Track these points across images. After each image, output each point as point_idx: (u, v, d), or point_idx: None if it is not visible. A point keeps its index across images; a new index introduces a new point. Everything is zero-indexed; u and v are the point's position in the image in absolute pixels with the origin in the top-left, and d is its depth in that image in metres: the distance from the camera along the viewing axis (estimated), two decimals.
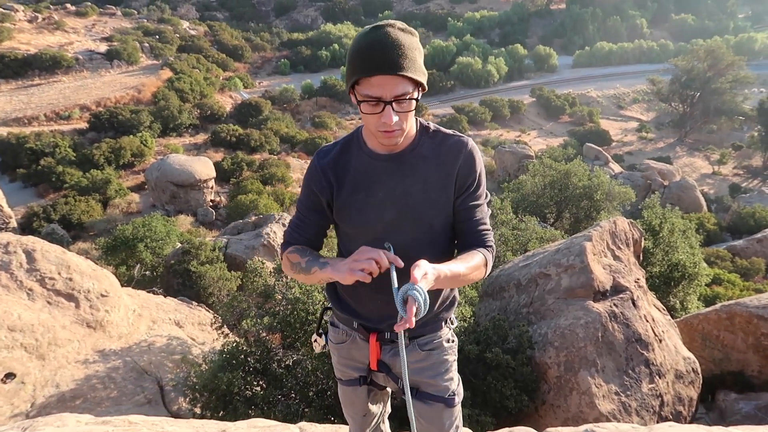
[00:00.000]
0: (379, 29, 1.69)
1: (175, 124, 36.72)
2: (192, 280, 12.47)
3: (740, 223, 26.34)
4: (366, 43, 1.67)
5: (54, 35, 47.58)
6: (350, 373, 2.27)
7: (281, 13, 77.72)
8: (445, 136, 1.96)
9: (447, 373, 2.16)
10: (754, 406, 6.55)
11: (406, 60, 1.67)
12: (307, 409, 5.52)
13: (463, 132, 43.14)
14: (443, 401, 2.16)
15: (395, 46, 1.66)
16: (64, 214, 23.81)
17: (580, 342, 5.61)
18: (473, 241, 1.97)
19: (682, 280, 9.85)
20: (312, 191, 2.02)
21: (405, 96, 1.70)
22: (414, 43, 1.71)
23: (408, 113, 1.77)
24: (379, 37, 1.67)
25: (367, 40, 1.68)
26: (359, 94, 1.72)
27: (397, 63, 1.66)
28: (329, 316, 2.27)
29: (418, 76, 1.70)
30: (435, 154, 1.93)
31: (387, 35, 1.67)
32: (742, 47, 63.24)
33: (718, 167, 42.72)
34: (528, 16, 77.73)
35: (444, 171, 1.92)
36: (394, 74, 1.66)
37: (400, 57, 1.66)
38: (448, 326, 2.19)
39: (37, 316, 6.30)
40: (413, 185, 1.92)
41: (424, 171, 1.92)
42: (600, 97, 55.46)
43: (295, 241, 2.09)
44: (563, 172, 16.36)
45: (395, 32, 1.68)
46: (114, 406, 6.02)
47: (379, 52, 1.65)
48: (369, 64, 1.67)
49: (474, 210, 1.96)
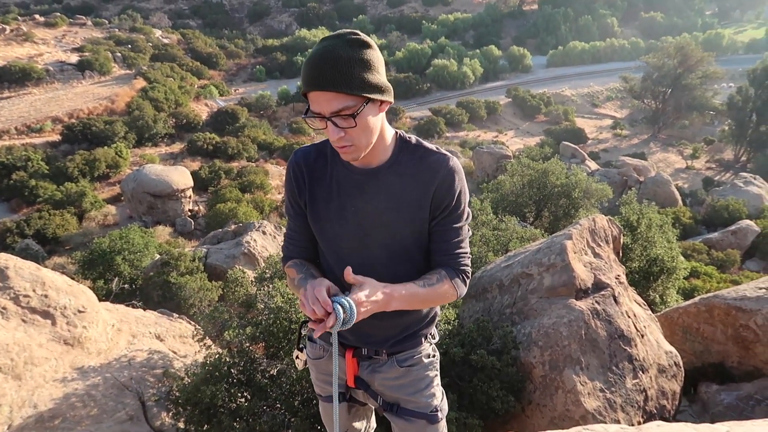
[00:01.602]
0: (324, 42, 1.63)
1: (150, 133, 36.27)
2: (172, 291, 12.30)
3: (715, 216, 26.82)
4: (308, 58, 1.63)
5: (23, 47, 46.70)
6: (329, 389, 2.21)
7: (255, 19, 77.38)
8: (426, 152, 1.86)
9: (428, 389, 2.11)
10: (735, 397, 6.64)
11: (341, 75, 1.59)
12: (293, 419, 5.45)
13: (441, 134, 43.46)
14: (425, 417, 2.12)
15: (332, 61, 1.58)
16: (39, 229, 23.33)
17: (564, 340, 5.63)
18: (442, 261, 1.90)
19: (661, 274, 9.98)
20: (292, 192, 1.96)
21: (344, 111, 1.62)
22: (358, 56, 1.61)
23: (354, 129, 1.66)
24: (319, 51, 1.61)
25: (310, 54, 1.63)
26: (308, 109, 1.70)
27: (329, 79, 1.59)
28: (307, 331, 2.19)
29: (356, 91, 1.61)
30: (413, 171, 1.84)
31: (325, 49, 1.60)
32: (710, 43, 64.72)
33: (691, 162, 43.52)
34: (501, 17, 78.50)
35: (420, 190, 1.83)
36: (327, 90, 1.60)
37: (334, 72, 1.58)
38: (429, 341, 2.14)
39: (12, 335, 6.14)
40: (387, 203, 1.84)
41: (399, 189, 1.84)
42: (574, 95, 56.18)
43: (291, 254, 2.04)
44: (541, 171, 16.49)
45: (337, 45, 1.60)
46: (95, 425, 5.89)
47: (315, 68, 1.60)
48: (306, 79, 1.62)
49: (449, 232, 1.88)
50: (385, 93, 1.69)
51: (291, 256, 2.04)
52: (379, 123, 1.75)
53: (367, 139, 1.73)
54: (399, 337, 2.03)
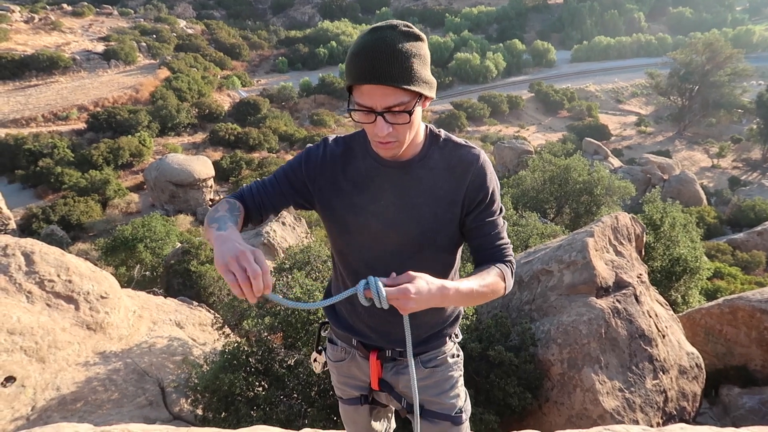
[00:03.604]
0: (377, 32, 1.53)
1: (173, 123, 36.64)
2: (192, 280, 12.43)
3: (740, 216, 26.31)
4: (360, 48, 1.53)
5: (51, 36, 47.43)
6: (351, 392, 2.16)
7: (278, 10, 77.53)
8: (455, 146, 1.82)
9: (452, 390, 2.07)
10: (758, 401, 6.52)
11: (401, 69, 1.51)
12: (310, 409, 5.49)
13: (462, 128, 43.17)
14: (449, 419, 2.07)
15: (390, 54, 1.50)
16: (64, 215, 23.76)
17: (584, 339, 5.58)
18: (489, 256, 1.84)
19: (684, 274, 9.82)
20: (300, 171, 1.86)
21: (398, 107, 1.55)
22: (414, 50, 1.53)
23: (405, 125, 1.62)
24: (373, 42, 1.51)
25: (361, 45, 1.53)
26: (353, 102, 1.61)
27: (388, 73, 1.50)
28: (327, 332, 2.16)
29: (414, 87, 1.54)
30: (444, 166, 1.80)
31: (382, 40, 1.51)
32: (740, 40, 63.21)
33: (717, 160, 42.69)
34: (525, 11, 77.61)
35: (453, 185, 1.79)
36: (386, 84, 1.51)
37: (393, 66, 1.50)
38: (453, 341, 2.09)
39: (37, 319, 6.26)
40: (418, 198, 1.78)
41: (431, 184, 1.79)
42: (598, 91, 55.39)
43: (242, 196, 1.88)
44: (563, 167, 16.33)
45: (394, 36, 1.52)
46: (115, 409, 5.99)
47: (370, 60, 1.50)
48: (359, 71, 1.53)
49: (488, 226, 1.83)
50: (434, 89, 1.64)
51: (241, 197, 1.88)
52: (420, 118, 1.72)
53: (411, 135, 1.69)
54: (423, 336, 1.98)
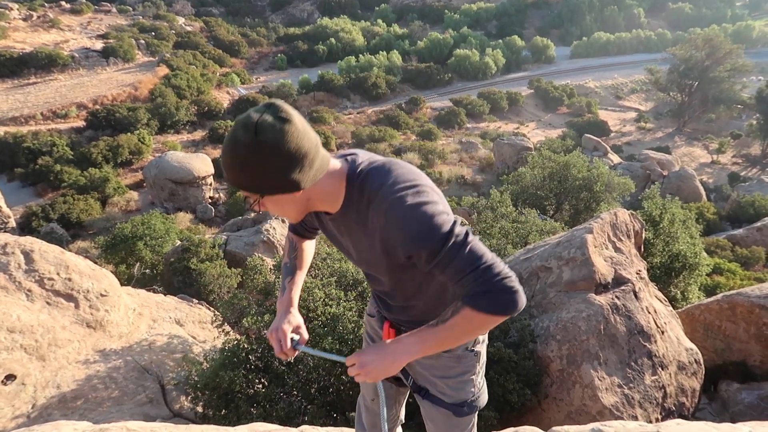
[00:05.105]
0: (233, 130, 1.59)
1: (172, 121, 36.58)
2: (192, 277, 12.43)
3: (740, 212, 26.32)
4: (223, 144, 1.65)
5: (49, 33, 47.34)
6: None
7: (277, 8, 77.36)
8: (369, 196, 1.69)
9: (457, 379, 2.09)
10: (756, 396, 6.54)
11: (234, 174, 1.61)
12: (310, 406, 5.50)
13: (461, 124, 43.12)
14: (450, 408, 2.11)
15: (229, 161, 1.60)
16: (63, 213, 23.76)
17: (583, 335, 5.59)
18: (457, 293, 1.70)
19: (683, 270, 9.83)
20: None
21: (250, 197, 1.67)
22: (258, 159, 1.54)
23: (271, 208, 1.72)
24: (226, 141, 1.61)
25: (224, 141, 1.64)
26: None
27: (227, 175, 1.64)
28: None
29: (250, 192, 1.64)
30: (359, 220, 1.75)
31: (230, 144, 1.58)
32: (739, 35, 63.12)
33: (716, 156, 42.66)
34: (525, 7, 77.40)
35: (371, 241, 1.74)
36: (229, 184, 1.70)
37: (230, 172, 1.62)
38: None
39: (37, 317, 6.27)
40: (358, 240, 1.82)
41: (357, 239, 1.81)
42: (598, 87, 55.32)
43: (292, 226, 2.22)
44: (562, 163, 16.32)
45: (240, 143, 1.55)
46: (115, 406, 6.00)
47: (222, 158, 1.63)
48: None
49: (437, 269, 1.66)
50: (286, 189, 1.62)
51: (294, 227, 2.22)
52: (297, 198, 1.69)
53: (288, 212, 1.76)
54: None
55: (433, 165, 32.88)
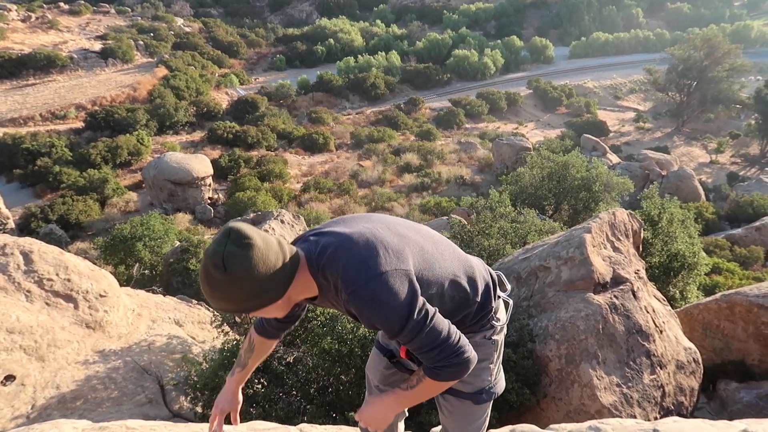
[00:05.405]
0: (204, 260, 1.66)
1: (171, 121, 36.57)
2: (191, 278, 12.45)
3: (738, 212, 26.35)
4: (200, 277, 1.70)
5: (48, 34, 47.31)
6: (384, 343, 2.42)
7: (276, 8, 77.36)
8: (334, 283, 1.82)
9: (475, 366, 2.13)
10: (755, 395, 6.55)
11: (219, 304, 1.69)
12: (309, 406, 5.51)
13: (460, 125, 43.14)
14: (470, 397, 2.21)
15: (209, 294, 1.67)
16: (62, 214, 23.74)
17: (581, 334, 5.60)
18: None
19: (682, 270, 9.84)
20: None
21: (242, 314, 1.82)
22: (232, 283, 1.63)
23: (266, 313, 1.81)
24: (202, 273, 1.67)
25: (200, 273, 1.69)
26: None
27: (214, 305, 1.73)
28: None
29: (233, 312, 1.78)
30: (336, 297, 1.87)
31: (205, 281, 1.66)
32: (738, 35, 63.18)
33: (715, 156, 42.70)
34: (523, 7, 77.46)
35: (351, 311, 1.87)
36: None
37: (213, 302, 1.70)
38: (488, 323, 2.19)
39: (36, 318, 6.28)
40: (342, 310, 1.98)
41: (339, 307, 1.94)
42: (597, 87, 55.36)
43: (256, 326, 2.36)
44: (561, 163, 16.33)
45: (212, 279, 1.63)
46: (115, 407, 6.01)
47: (203, 289, 1.69)
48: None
49: (400, 341, 1.86)
50: (269, 302, 1.73)
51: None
52: (280, 303, 1.78)
53: (276, 313, 1.86)
54: None
55: (432, 165, 32.89)
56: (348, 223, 1.92)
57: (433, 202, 25.47)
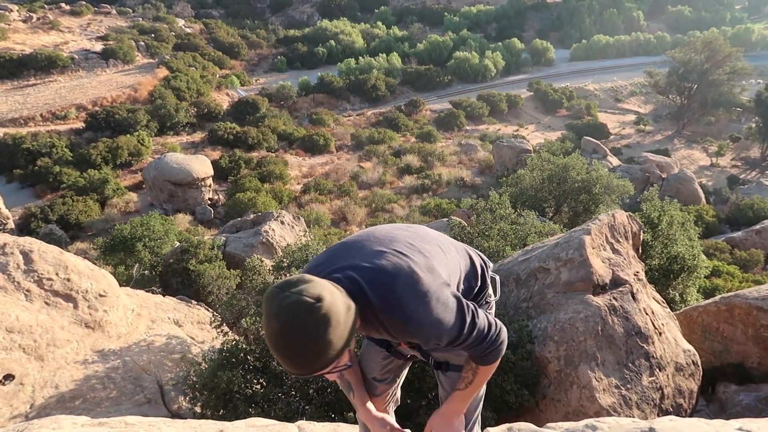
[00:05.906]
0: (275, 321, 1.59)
1: (172, 122, 36.60)
2: (191, 278, 12.43)
3: (739, 215, 26.33)
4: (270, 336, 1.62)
5: (49, 35, 47.37)
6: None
7: (277, 9, 77.42)
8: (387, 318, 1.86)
9: None
10: (754, 398, 6.55)
11: (300, 366, 1.64)
12: (308, 406, 5.51)
13: (461, 127, 43.16)
14: None
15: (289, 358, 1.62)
16: (62, 215, 23.75)
17: (580, 336, 5.60)
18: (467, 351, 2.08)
19: (682, 272, 9.83)
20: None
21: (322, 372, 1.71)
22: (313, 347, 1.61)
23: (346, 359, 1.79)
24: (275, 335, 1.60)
25: (269, 332, 1.62)
26: None
27: (296, 371, 1.66)
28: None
29: (316, 370, 1.66)
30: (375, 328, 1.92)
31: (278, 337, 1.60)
32: (738, 38, 63.13)
33: (716, 159, 42.69)
34: (524, 9, 77.49)
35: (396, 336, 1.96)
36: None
37: (296, 369, 1.65)
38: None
39: (36, 317, 6.28)
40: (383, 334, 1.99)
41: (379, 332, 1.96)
42: (597, 90, 55.36)
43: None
44: (561, 165, 16.34)
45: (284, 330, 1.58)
46: (114, 407, 6.01)
47: (281, 359, 1.63)
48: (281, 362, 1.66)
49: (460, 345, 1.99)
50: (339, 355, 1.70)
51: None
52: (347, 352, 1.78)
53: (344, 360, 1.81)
54: None
55: (432, 167, 32.90)
56: (364, 252, 1.92)
57: (434, 203, 25.47)
